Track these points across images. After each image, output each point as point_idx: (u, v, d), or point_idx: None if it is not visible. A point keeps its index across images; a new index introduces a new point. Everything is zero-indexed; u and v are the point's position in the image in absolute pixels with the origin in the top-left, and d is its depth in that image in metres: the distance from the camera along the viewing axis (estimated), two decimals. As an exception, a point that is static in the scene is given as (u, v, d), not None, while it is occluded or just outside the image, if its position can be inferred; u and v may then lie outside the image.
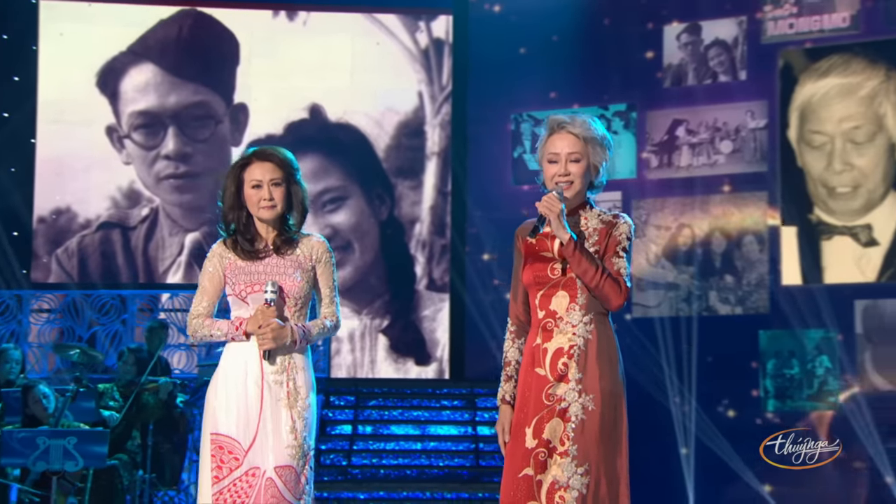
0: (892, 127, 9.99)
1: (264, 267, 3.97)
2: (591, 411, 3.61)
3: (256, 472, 3.84)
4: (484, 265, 10.85)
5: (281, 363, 3.92)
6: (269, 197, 3.94)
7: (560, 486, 3.56)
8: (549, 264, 3.74)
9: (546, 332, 3.72)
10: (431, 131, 11.19)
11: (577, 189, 3.76)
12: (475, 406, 9.17)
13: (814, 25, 10.35)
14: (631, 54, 10.87)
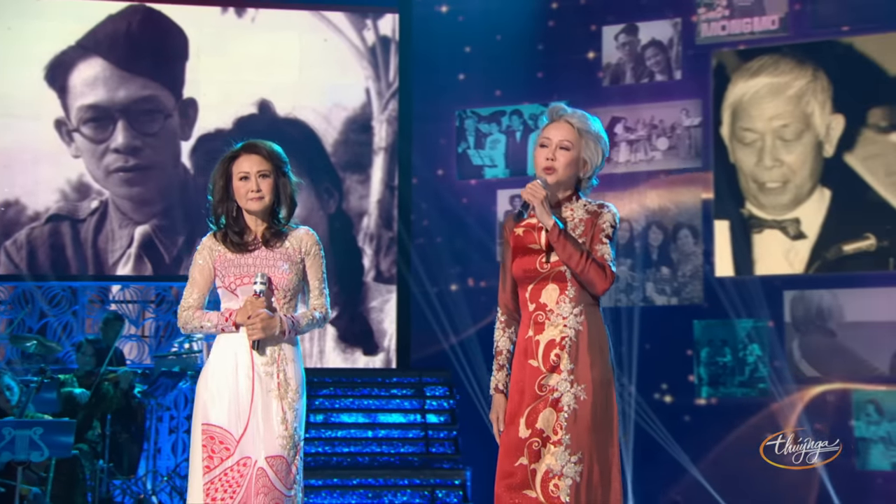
0: (818, 125, 10.29)
1: (254, 259, 3.97)
2: (583, 401, 3.63)
3: (248, 462, 3.83)
4: (430, 257, 10.99)
5: (271, 354, 3.91)
6: (257, 188, 3.97)
7: (554, 475, 3.58)
8: (537, 257, 3.76)
9: (538, 324, 3.73)
10: (379, 127, 11.28)
11: (561, 177, 3.77)
12: (424, 394, 9.27)
13: (745, 28, 10.63)
14: (573, 54, 11.04)
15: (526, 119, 11.14)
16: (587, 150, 3.84)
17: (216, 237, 4.08)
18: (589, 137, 3.85)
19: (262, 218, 4.04)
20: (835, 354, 10.01)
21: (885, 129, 10.07)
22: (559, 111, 3.92)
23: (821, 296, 10.14)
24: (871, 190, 10.06)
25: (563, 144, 3.80)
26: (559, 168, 3.78)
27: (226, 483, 3.82)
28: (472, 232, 11.08)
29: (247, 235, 4.03)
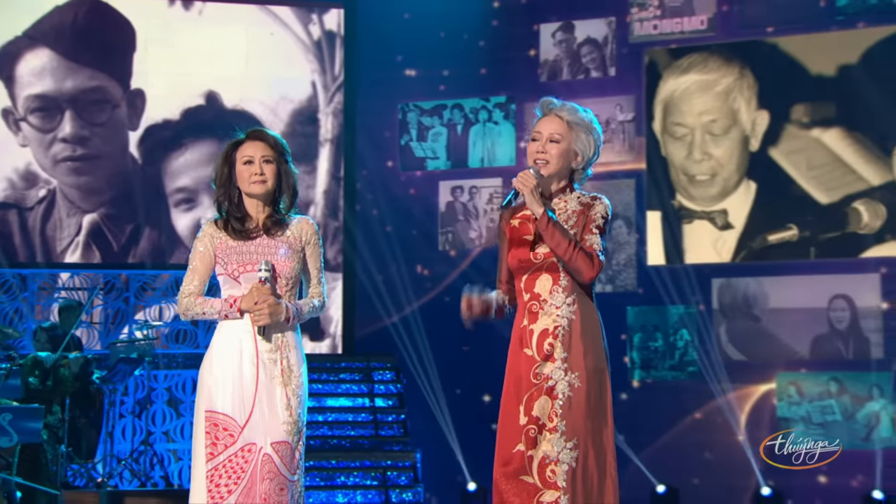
0: (745, 121, 10.59)
1: (255, 247, 3.91)
2: (577, 388, 3.63)
3: (252, 449, 3.80)
4: (376, 246, 11.13)
5: (275, 341, 3.86)
6: (261, 172, 3.92)
7: (551, 461, 3.59)
8: (532, 248, 3.75)
9: (532, 314, 3.74)
10: (325, 119, 11.36)
11: (554, 169, 3.74)
12: (372, 379, 9.41)
13: (675, 27, 10.90)
14: (513, 51, 11.21)
15: (467, 113, 11.32)
16: (578, 142, 3.79)
17: (217, 225, 4.01)
18: (579, 129, 3.80)
19: (264, 205, 3.99)
20: (759, 339, 10.34)
21: (807, 125, 10.42)
22: (549, 105, 3.86)
23: (747, 283, 10.47)
24: (794, 183, 10.39)
25: (553, 137, 3.77)
26: (551, 160, 3.76)
27: (230, 469, 3.79)
28: (415, 222, 11.25)
29: (248, 222, 3.98)
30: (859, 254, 10.18)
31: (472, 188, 11.22)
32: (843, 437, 10.01)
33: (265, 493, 3.78)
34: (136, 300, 10.39)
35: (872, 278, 10.12)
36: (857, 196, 10.22)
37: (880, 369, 9.99)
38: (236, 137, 4.08)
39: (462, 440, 10.47)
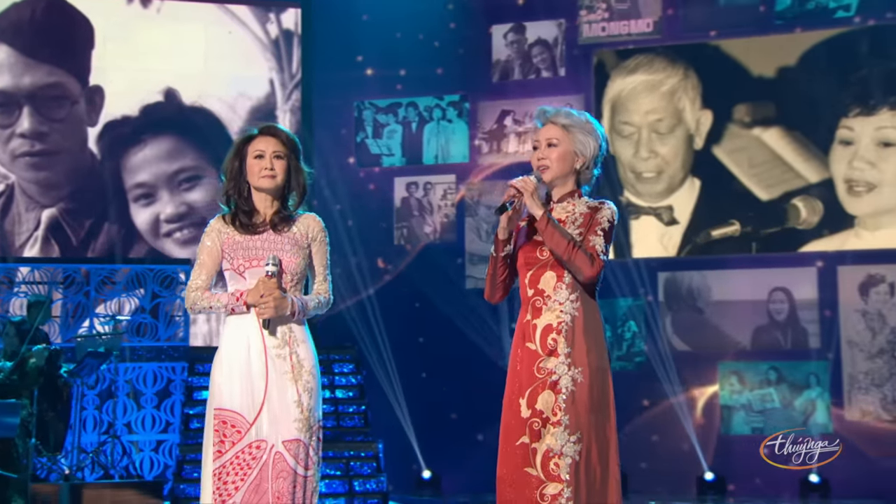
0: (689, 120, 10.79)
1: (262, 242, 3.83)
2: (580, 383, 3.60)
3: (262, 445, 3.71)
4: (333, 240, 11.17)
5: (282, 336, 3.78)
6: (271, 167, 3.82)
7: (554, 454, 3.56)
8: (538, 246, 3.73)
9: (535, 309, 3.71)
10: (283, 116, 11.34)
11: (556, 173, 3.76)
12: (332, 371, 9.41)
13: (623, 30, 11.07)
14: (467, 51, 11.32)
15: (422, 111, 11.39)
16: (576, 143, 3.78)
17: (224, 219, 3.91)
18: (576, 130, 3.79)
19: (273, 199, 3.89)
20: (703, 330, 10.55)
21: (748, 124, 10.63)
22: (545, 114, 3.85)
23: (691, 277, 10.65)
24: (736, 180, 10.60)
25: (551, 142, 3.78)
26: (551, 164, 3.76)
27: (237, 466, 3.70)
28: (372, 216, 11.30)
29: (255, 217, 3.88)
30: (798, 248, 10.43)
31: (427, 184, 11.31)
32: (782, 424, 10.26)
33: (278, 491, 3.69)
34: (97, 294, 10.33)
35: (810, 272, 10.37)
36: (795, 193, 10.46)
37: (817, 359, 10.24)
38: (249, 133, 3.96)
39: (417, 429, 10.58)
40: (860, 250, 10.25)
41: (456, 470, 10.55)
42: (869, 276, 10.22)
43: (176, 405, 9.80)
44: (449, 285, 10.93)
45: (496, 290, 3.90)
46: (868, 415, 10.07)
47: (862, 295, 10.22)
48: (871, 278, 10.22)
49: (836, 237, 10.32)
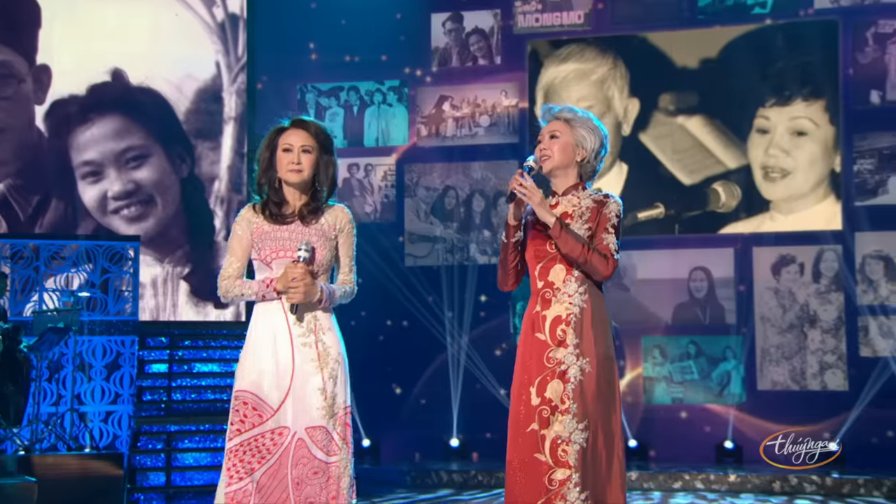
0: (618, 107, 10.94)
1: (290, 233, 3.75)
2: (588, 373, 3.60)
3: (284, 432, 3.63)
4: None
5: (307, 325, 3.70)
6: (298, 161, 3.75)
7: (562, 441, 3.56)
8: (547, 240, 3.73)
9: (545, 301, 3.69)
10: (228, 98, 11.21)
11: (557, 163, 3.80)
12: (279, 345, 9.43)
13: (555, 21, 11.16)
14: (408, 38, 11.30)
15: (363, 95, 11.39)
16: (577, 136, 3.82)
17: (255, 209, 3.85)
18: (577, 124, 3.84)
19: (302, 192, 3.82)
20: (628, 306, 10.72)
21: (672, 112, 10.83)
22: (550, 111, 3.92)
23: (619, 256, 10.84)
24: (661, 165, 10.79)
25: (553, 134, 3.83)
26: (553, 154, 3.80)
27: (255, 448, 3.61)
28: (313, 196, 11.29)
29: (285, 208, 3.81)
30: (717, 230, 10.67)
31: (368, 166, 11.32)
32: (700, 395, 10.56)
33: (297, 477, 3.64)
34: (46, 269, 10.18)
35: (727, 252, 10.62)
36: (716, 178, 10.68)
37: (733, 334, 10.53)
38: (281, 124, 3.90)
39: (358, 400, 10.63)
40: (774, 232, 10.52)
41: (395, 439, 10.67)
42: (781, 256, 10.51)
43: (125, 377, 9.72)
44: (389, 263, 10.99)
45: (508, 276, 3.86)
46: (778, 385, 10.38)
47: (774, 274, 10.51)
48: (783, 259, 10.51)
49: (752, 220, 10.58)
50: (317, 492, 3.64)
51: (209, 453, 8.32)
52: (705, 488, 9.11)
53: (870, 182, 10.37)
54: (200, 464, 8.27)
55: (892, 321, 10.16)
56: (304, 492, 3.63)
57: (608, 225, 3.73)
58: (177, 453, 8.30)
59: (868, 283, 10.29)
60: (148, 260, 10.68)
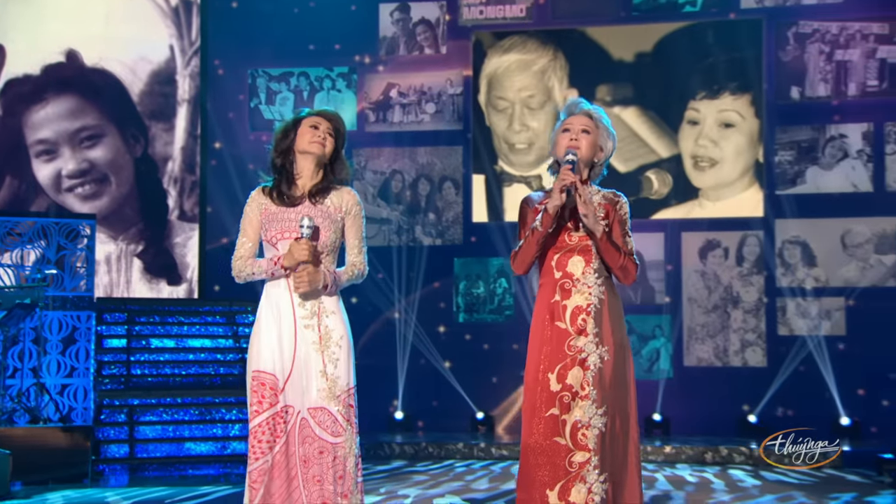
0: (557, 97, 11.01)
1: (296, 214, 3.75)
2: (607, 361, 3.65)
3: (290, 411, 3.65)
4: (229, 199, 11.02)
5: (311, 308, 3.69)
6: (323, 137, 3.78)
7: (582, 425, 3.59)
8: (565, 232, 3.76)
9: (564, 290, 3.71)
10: (182, 81, 11.06)
11: (584, 156, 3.77)
12: (235, 322, 9.37)
13: (498, 13, 11.21)
14: (357, 27, 11.25)
15: (312, 80, 11.33)
16: (601, 138, 3.83)
17: (263, 191, 3.87)
18: (602, 126, 3.84)
19: (316, 170, 3.85)
20: (565, 286, 10.90)
21: (609, 103, 10.94)
22: (579, 105, 3.88)
23: (556, 239, 10.98)
24: (598, 154, 10.97)
25: (584, 129, 3.79)
26: (583, 148, 3.78)
27: (272, 427, 3.64)
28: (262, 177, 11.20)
29: (295, 189, 3.82)
30: (650, 216, 10.87)
31: (317, 149, 11.26)
32: (631, 370, 10.78)
33: (304, 456, 3.66)
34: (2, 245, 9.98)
35: (658, 237, 10.82)
36: (649, 166, 10.86)
37: (662, 313, 10.76)
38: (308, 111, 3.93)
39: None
40: (702, 218, 10.75)
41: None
42: (708, 241, 10.74)
43: (81, 352, 9.59)
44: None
45: (529, 263, 3.83)
46: (703, 361, 10.63)
47: (701, 258, 10.74)
48: (710, 243, 10.75)
49: (682, 206, 10.80)
50: (324, 471, 3.66)
51: (171, 426, 8.27)
52: (643, 459, 9.29)
53: (789, 172, 10.66)
54: (163, 436, 8.22)
55: (808, 302, 10.47)
56: (311, 470, 3.66)
57: (628, 228, 3.83)
58: (139, 426, 8.24)
59: (786, 267, 10.59)
60: (102, 237, 10.53)
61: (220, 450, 8.29)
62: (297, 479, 3.64)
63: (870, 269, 10.45)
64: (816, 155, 10.63)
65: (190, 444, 8.22)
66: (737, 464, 8.89)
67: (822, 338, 10.36)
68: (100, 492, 7.06)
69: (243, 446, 8.36)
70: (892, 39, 10.59)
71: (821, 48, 10.72)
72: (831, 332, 10.37)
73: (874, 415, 10.13)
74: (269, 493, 3.62)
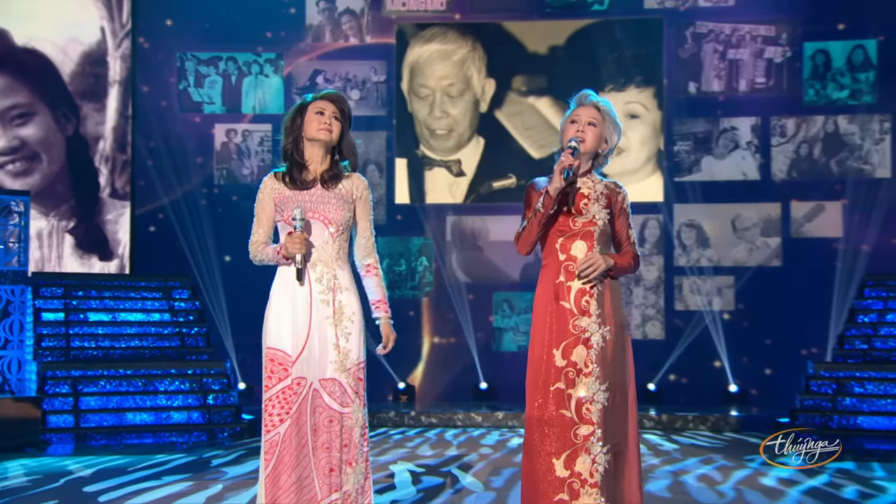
0: (476, 86, 11.13)
1: (310, 196, 3.74)
2: (608, 340, 3.66)
3: (302, 382, 3.66)
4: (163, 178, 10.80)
5: (327, 283, 3.71)
6: (329, 122, 3.73)
7: (586, 400, 3.62)
8: (569, 217, 3.75)
9: (568, 272, 3.71)
10: (113, 62, 10.76)
11: (589, 147, 3.76)
12: (172, 297, 9.23)
13: (420, 6, 11.21)
14: (285, 14, 11.13)
15: (240, 65, 11.16)
16: (607, 130, 3.82)
17: (276, 177, 3.81)
18: (608, 119, 3.83)
19: (325, 155, 3.81)
20: (481, 265, 11.01)
21: (524, 93, 11.12)
22: (587, 97, 3.86)
23: (473, 220, 11.08)
24: (514, 140, 11.09)
25: (591, 121, 3.78)
26: (588, 140, 3.77)
27: (282, 400, 3.65)
28: (194, 157, 11.01)
29: (306, 173, 3.78)
30: (561, 199, 11.05)
31: (245, 131, 11.13)
32: (542, 342, 10.97)
33: (315, 425, 3.68)
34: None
35: (568, 218, 11.03)
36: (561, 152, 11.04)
37: (571, 289, 10.96)
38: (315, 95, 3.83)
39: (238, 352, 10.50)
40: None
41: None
42: (612, 223, 10.99)
43: (15, 325, 9.29)
44: (268, 222, 10.87)
45: (532, 244, 3.86)
46: (607, 335, 10.91)
47: (606, 238, 10.99)
48: (614, 225, 11.01)
49: (591, 191, 11.01)
50: (332, 438, 3.68)
51: (115, 397, 8.10)
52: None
53: (686, 161, 10.98)
54: (107, 406, 8.04)
55: (703, 281, 10.83)
56: (321, 438, 3.68)
57: (629, 220, 3.83)
58: (83, 397, 8.04)
59: (683, 248, 10.93)
60: (34, 213, 10.18)
61: (165, 420, 8.16)
62: (308, 447, 3.67)
63: (756, 250, 10.86)
64: (711, 145, 10.98)
65: (132, 414, 8.07)
66: (646, 428, 9.14)
67: (715, 312, 10.73)
68: (58, 460, 6.89)
69: (183, 416, 8.25)
70: (777, 41, 10.98)
71: (715, 47, 11.05)
72: (722, 308, 10.75)
73: (756, 381, 10.58)
74: (280, 461, 3.65)
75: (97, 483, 5.97)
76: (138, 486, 5.84)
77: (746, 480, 6.17)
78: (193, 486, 5.87)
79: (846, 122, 10.82)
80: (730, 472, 6.53)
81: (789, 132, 10.89)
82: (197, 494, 5.57)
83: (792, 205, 10.81)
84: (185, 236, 10.52)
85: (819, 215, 10.84)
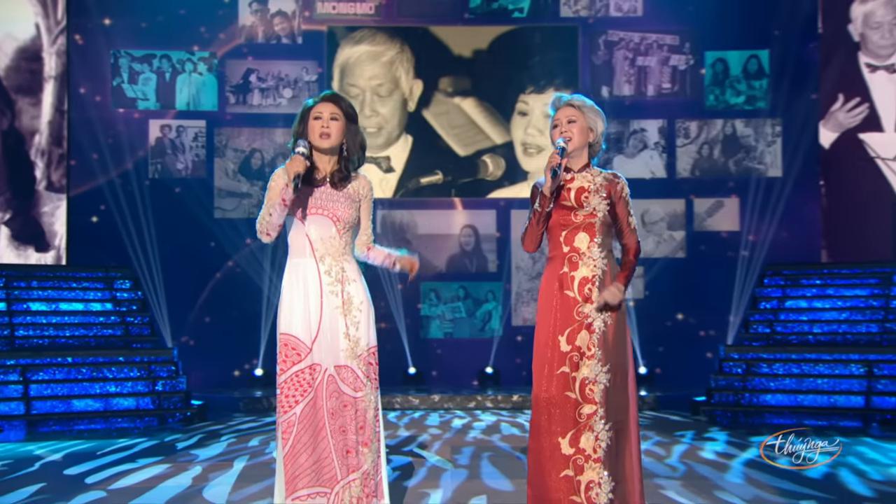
0: (404, 87, 11.14)
1: (320, 193, 3.75)
2: (609, 325, 3.76)
3: (317, 368, 3.69)
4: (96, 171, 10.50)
5: (335, 275, 3.74)
6: (326, 127, 3.72)
7: (589, 381, 3.72)
8: (571, 211, 3.79)
9: (572, 263, 3.79)
10: (49, 58, 10.37)
11: (577, 143, 3.81)
12: (113, 287, 8.98)
13: (350, 9, 11.18)
14: (220, 14, 10.94)
15: (174, 63, 10.91)
16: (590, 120, 3.86)
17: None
18: (586, 110, 3.87)
19: (330, 158, 3.82)
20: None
21: (450, 94, 11.18)
22: (560, 100, 3.90)
23: (402, 214, 11.10)
24: (441, 138, 11.14)
25: (570, 119, 3.83)
26: (574, 137, 3.82)
27: (296, 383, 3.70)
28: (129, 152, 10.71)
29: (316, 173, 3.79)
30: (485, 195, 11.17)
31: (179, 127, 10.89)
32: (467, 330, 11.06)
33: (331, 409, 3.72)
34: None
35: (491, 213, 11.16)
36: (485, 151, 11.17)
37: (493, 280, 11.10)
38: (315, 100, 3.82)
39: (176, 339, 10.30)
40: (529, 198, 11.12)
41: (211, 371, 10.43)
42: (532, 217, 11.14)
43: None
44: (204, 214, 10.70)
45: (536, 240, 3.89)
46: (528, 321, 11.04)
47: (526, 232, 11.13)
48: (533, 219, 11.15)
49: (513, 187, 11.16)
50: (347, 422, 3.73)
51: (66, 384, 7.84)
52: (476, 406, 9.52)
53: (601, 160, 11.19)
54: (57, 394, 7.78)
55: (615, 271, 11.06)
56: (337, 422, 3.73)
57: (629, 208, 3.89)
58: (33, 384, 7.76)
59: (596, 241, 11.14)
60: (-33, 207, 9.79)
61: (115, 406, 7.94)
62: (325, 430, 3.71)
63: (664, 242, 11.15)
64: (622, 145, 11.23)
65: (81, 400, 7.83)
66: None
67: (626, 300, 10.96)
68: (19, 446, 6.67)
69: (132, 402, 8.05)
70: (681, 49, 11.30)
71: (625, 54, 11.30)
72: (632, 296, 11.00)
73: (661, 362, 10.87)
74: (298, 441, 3.68)
75: (74, 467, 5.83)
76: (117, 469, 5.73)
77: (687, 454, 6.35)
78: (172, 468, 5.80)
79: (743, 125, 11.20)
80: (669, 447, 6.70)
81: (692, 134, 11.22)
82: (180, 476, 5.52)
83: (695, 201, 11.14)
84: (125, 228, 10.24)
85: (719, 211, 11.19)
